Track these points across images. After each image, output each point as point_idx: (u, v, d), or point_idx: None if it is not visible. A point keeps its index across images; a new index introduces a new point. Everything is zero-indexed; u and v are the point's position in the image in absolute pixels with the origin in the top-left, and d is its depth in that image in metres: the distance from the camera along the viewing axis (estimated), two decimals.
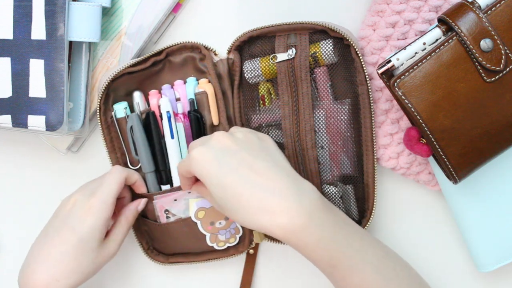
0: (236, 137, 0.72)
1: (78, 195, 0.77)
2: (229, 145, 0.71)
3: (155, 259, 0.84)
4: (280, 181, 0.69)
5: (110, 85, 0.80)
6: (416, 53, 0.73)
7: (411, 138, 0.75)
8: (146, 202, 0.80)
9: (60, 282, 0.74)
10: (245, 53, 0.81)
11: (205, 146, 0.71)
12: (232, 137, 0.72)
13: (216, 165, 0.69)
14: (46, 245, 0.75)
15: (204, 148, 0.71)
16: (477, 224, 0.80)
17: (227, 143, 0.71)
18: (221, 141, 0.71)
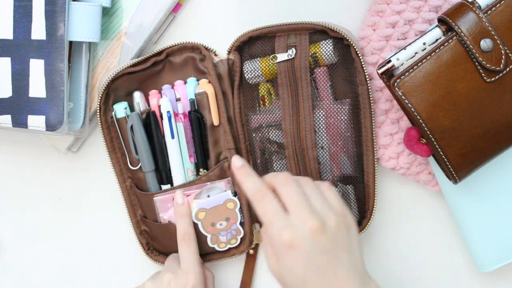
0: (328, 226, 0.66)
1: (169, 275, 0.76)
2: (321, 239, 0.65)
3: (155, 259, 0.84)
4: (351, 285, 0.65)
5: (110, 85, 0.80)
6: (416, 53, 0.73)
7: (411, 138, 0.75)
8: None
9: None
10: (245, 54, 0.81)
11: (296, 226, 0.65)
12: (324, 227, 0.66)
13: (305, 259, 0.65)
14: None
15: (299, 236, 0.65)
16: (477, 224, 0.80)
17: (320, 237, 0.65)
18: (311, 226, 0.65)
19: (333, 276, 0.65)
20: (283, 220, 0.65)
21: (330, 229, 0.66)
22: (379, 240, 0.85)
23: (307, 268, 0.64)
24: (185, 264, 0.77)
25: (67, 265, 0.87)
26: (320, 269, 0.65)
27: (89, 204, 0.87)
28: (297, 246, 0.64)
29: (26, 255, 0.87)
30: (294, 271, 0.65)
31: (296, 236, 0.64)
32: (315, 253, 0.65)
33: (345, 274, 0.65)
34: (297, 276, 0.65)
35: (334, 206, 0.68)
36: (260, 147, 0.82)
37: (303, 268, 0.64)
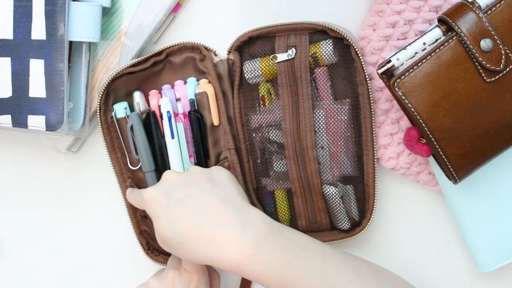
0: (184, 174, 0.74)
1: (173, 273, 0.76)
2: (177, 181, 0.73)
3: (155, 259, 0.84)
4: (226, 213, 0.69)
5: (110, 85, 0.80)
6: (416, 53, 0.73)
7: (411, 138, 0.75)
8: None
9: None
10: (245, 54, 0.81)
11: (155, 186, 0.73)
12: (179, 174, 0.74)
13: (165, 200, 0.71)
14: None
15: (154, 188, 0.73)
16: (477, 224, 0.80)
17: (175, 180, 0.73)
18: (169, 179, 0.73)
19: (198, 206, 0.69)
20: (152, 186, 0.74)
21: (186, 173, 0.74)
22: (379, 240, 0.85)
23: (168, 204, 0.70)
24: (186, 264, 0.77)
25: (67, 265, 0.87)
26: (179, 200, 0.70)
27: (89, 204, 0.87)
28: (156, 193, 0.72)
29: (26, 255, 0.87)
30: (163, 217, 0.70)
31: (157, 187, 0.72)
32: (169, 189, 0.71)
33: (211, 203, 0.70)
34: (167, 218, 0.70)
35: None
36: (260, 147, 0.82)
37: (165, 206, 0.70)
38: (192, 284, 0.76)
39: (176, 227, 0.70)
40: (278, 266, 0.68)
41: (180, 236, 0.70)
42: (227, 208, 0.70)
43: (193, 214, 0.70)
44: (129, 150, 0.81)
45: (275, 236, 0.69)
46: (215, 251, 0.68)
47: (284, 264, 0.68)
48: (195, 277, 0.76)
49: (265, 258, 0.68)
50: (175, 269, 0.76)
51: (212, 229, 0.69)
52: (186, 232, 0.69)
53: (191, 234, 0.69)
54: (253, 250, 0.68)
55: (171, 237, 0.70)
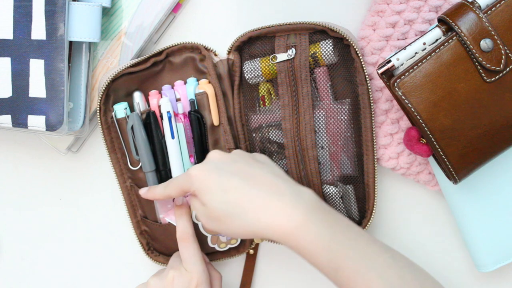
0: (229, 153, 0.75)
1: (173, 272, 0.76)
2: (225, 159, 0.73)
3: (156, 259, 0.84)
4: (278, 184, 0.71)
5: (110, 86, 0.80)
6: (416, 53, 0.73)
7: (411, 138, 0.75)
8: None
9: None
10: (245, 54, 0.81)
11: (202, 163, 0.74)
12: (225, 153, 0.74)
13: (216, 173, 0.71)
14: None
15: (202, 165, 0.73)
16: (477, 224, 0.80)
17: (223, 158, 0.73)
18: (217, 156, 0.74)
19: (250, 178, 0.71)
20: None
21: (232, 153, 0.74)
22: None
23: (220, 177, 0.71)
24: (187, 263, 0.77)
25: (67, 265, 0.87)
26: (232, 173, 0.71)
27: (89, 204, 0.87)
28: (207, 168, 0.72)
29: (26, 255, 0.87)
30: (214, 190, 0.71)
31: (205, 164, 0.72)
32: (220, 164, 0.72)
33: (263, 176, 0.71)
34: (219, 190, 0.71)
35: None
36: (260, 147, 0.82)
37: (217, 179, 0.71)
38: (193, 283, 0.76)
39: (229, 197, 0.70)
40: (327, 238, 0.68)
41: (232, 206, 0.70)
42: (278, 180, 0.71)
43: (245, 185, 0.70)
44: (129, 150, 0.81)
45: (324, 211, 0.70)
46: (267, 219, 0.69)
47: (333, 238, 0.68)
48: (195, 277, 0.76)
49: (316, 229, 0.68)
50: (176, 269, 0.77)
51: (265, 198, 0.69)
52: (238, 202, 0.70)
53: (244, 203, 0.70)
54: (305, 220, 0.68)
55: (222, 208, 0.70)
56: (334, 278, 0.69)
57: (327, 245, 0.68)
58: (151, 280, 0.77)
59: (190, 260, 0.77)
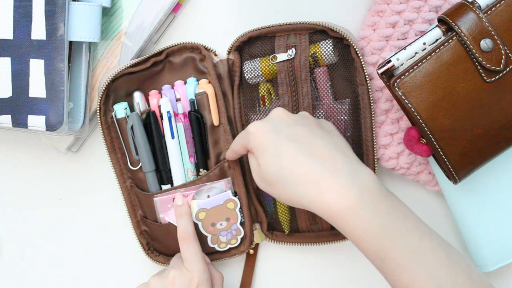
0: (294, 115, 0.72)
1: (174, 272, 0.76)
2: (287, 119, 0.70)
3: (156, 259, 0.84)
4: (335, 159, 0.67)
5: (110, 86, 0.80)
6: (416, 53, 0.73)
7: (411, 138, 0.75)
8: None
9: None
10: (245, 54, 0.81)
11: (262, 120, 0.71)
12: (290, 114, 0.71)
13: (274, 134, 0.68)
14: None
15: (262, 122, 0.70)
16: (477, 224, 0.80)
17: (285, 118, 0.70)
18: (280, 115, 0.71)
19: (307, 146, 0.67)
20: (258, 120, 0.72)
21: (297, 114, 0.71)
22: None
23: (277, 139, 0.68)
24: (187, 262, 0.77)
25: (67, 265, 0.87)
26: (289, 137, 0.68)
27: (89, 204, 0.87)
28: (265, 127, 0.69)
29: (27, 255, 0.87)
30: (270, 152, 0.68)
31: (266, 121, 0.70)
32: (279, 125, 0.69)
33: (322, 146, 0.67)
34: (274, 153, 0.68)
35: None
36: None
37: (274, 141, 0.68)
38: (194, 283, 0.75)
39: (282, 163, 0.67)
40: (377, 226, 0.65)
41: (284, 173, 0.67)
42: (337, 154, 0.67)
43: (301, 153, 0.67)
44: (129, 150, 0.81)
45: (381, 196, 0.66)
46: (317, 194, 0.65)
47: (383, 227, 0.65)
48: (196, 276, 0.76)
49: (367, 214, 0.65)
50: (177, 268, 0.77)
51: (319, 171, 0.66)
52: (291, 170, 0.67)
53: (297, 172, 0.66)
54: (357, 203, 0.65)
55: (274, 173, 0.68)
56: (379, 266, 0.66)
57: (376, 233, 0.65)
58: (152, 280, 0.77)
59: (191, 260, 0.77)
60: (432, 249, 0.65)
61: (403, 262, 0.64)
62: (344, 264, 0.86)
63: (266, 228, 0.84)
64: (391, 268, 0.65)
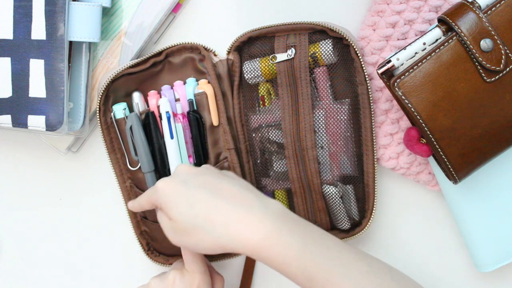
0: (197, 167, 0.74)
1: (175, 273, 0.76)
2: (193, 171, 0.72)
3: (156, 260, 0.84)
4: (246, 196, 0.70)
5: (110, 86, 0.80)
6: (416, 53, 0.73)
7: (411, 138, 0.75)
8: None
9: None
10: (244, 54, 0.81)
11: (169, 177, 0.73)
12: (193, 167, 0.74)
13: (183, 186, 0.71)
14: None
15: (169, 178, 0.73)
16: (477, 224, 0.80)
17: (191, 170, 0.73)
18: (185, 169, 0.73)
19: (217, 190, 0.70)
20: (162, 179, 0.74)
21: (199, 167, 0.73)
22: (378, 240, 0.85)
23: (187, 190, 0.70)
24: (188, 264, 0.77)
25: (67, 265, 0.87)
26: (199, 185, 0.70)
27: (89, 204, 0.87)
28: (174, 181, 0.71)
29: (26, 255, 0.87)
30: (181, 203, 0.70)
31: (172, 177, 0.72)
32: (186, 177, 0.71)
33: (231, 188, 0.70)
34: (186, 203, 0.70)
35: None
36: (260, 147, 0.82)
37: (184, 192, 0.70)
38: (194, 284, 0.75)
39: (195, 211, 0.69)
40: (298, 249, 0.67)
41: (200, 219, 0.69)
42: (246, 192, 0.70)
43: (213, 197, 0.69)
44: (128, 151, 0.81)
45: (294, 221, 0.69)
46: (236, 231, 0.67)
47: (304, 248, 0.67)
48: (197, 278, 0.76)
49: (286, 239, 0.67)
50: (177, 270, 0.77)
51: (233, 211, 0.68)
52: (206, 215, 0.69)
53: (211, 216, 0.69)
54: (275, 230, 0.67)
55: (189, 221, 0.69)
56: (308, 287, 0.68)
57: (298, 255, 0.67)
58: (152, 281, 0.77)
59: (191, 260, 0.77)
60: (354, 260, 0.69)
61: (329, 277, 0.67)
62: None
63: None
64: (320, 285, 0.67)
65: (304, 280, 0.68)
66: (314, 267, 0.67)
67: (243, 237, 0.67)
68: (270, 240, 0.67)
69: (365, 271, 0.68)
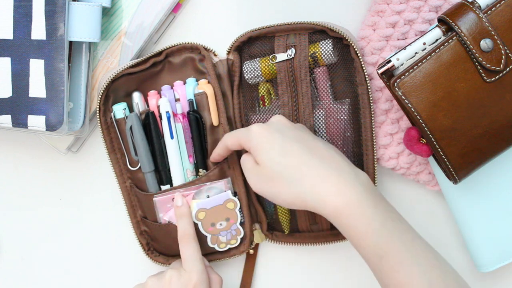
0: (294, 123, 0.75)
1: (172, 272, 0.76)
2: (289, 124, 0.73)
3: (155, 260, 0.84)
4: (338, 160, 0.70)
5: (110, 86, 0.80)
6: (416, 53, 0.73)
7: (411, 138, 0.75)
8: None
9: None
10: (244, 54, 0.81)
11: (265, 123, 0.73)
12: (289, 121, 0.74)
13: (279, 135, 0.71)
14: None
15: (265, 125, 0.73)
16: (477, 224, 0.80)
17: (287, 123, 0.73)
18: (281, 120, 0.74)
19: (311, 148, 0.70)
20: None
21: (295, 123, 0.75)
22: None
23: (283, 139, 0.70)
24: (186, 263, 0.77)
25: (67, 265, 0.87)
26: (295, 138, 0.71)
27: (89, 204, 0.87)
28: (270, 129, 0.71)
29: (26, 255, 0.87)
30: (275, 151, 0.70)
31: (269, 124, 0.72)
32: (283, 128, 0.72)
33: (324, 149, 0.71)
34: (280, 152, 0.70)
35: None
36: None
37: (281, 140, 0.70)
38: (191, 284, 0.75)
39: (287, 160, 0.69)
40: (378, 223, 0.68)
41: (290, 170, 0.69)
42: (338, 157, 0.71)
43: (306, 153, 0.70)
44: (128, 151, 0.81)
45: (378, 196, 0.70)
46: (323, 191, 0.68)
47: (383, 224, 0.68)
48: (194, 277, 0.76)
49: (369, 211, 0.68)
50: (174, 269, 0.77)
51: (324, 169, 0.69)
52: (297, 167, 0.69)
53: (302, 170, 0.69)
54: (360, 200, 0.68)
55: (278, 169, 0.70)
56: (376, 264, 0.68)
57: (377, 230, 0.67)
58: (149, 280, 0.77)
59: (189, 259, 0.77)
60: (423, 250, 0.69)
61: (401, 259, 0.67)
62: (343, 264, 0.86)
63: (266, 228, 0.84)
64: (388, 264, 0.67)
65: (374, 256, 0.68)
66: (388, 245, 0.67)
67: (328, 198, 0.68)
68: (353, 208, 0.67)
69: (433, 263, 0.68)
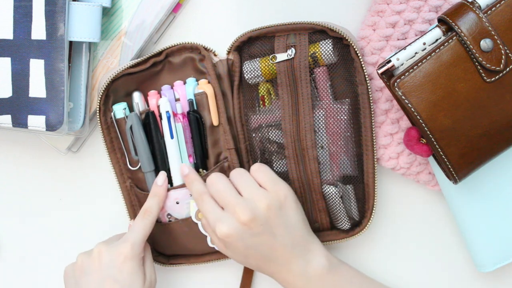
0: (258, 212, 0.75)
1: (101, 246, 0.76)
2: (252, 226, 0.75)
3: (156, 259, 0.84)
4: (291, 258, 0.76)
5: (110, 86, 0.80)
6: (416, 53, 0.73)
7: (411, 138, 0.75)
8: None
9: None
10: (244, 54, 0.81)
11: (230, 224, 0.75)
12: (253, 213, 0.75)
13: (241, 243, 0.75)
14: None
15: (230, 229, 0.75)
16: (477, 224, 0.80)
17: (250, 224, 0.75)
18: (241, 218, 0.74)
19: (271, 250, 0.76)
20: (219, 215, 0.76)
21: (261, 213, 0.75)
22: (379, 240, 0.85)
23: (247, 249, 0.76)
24: (130, 233, 0.77)
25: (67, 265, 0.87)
26: (258, 248, 0.76)
27: (89, 204, 0.87)
28: (233, 236, 0.75)
29: (26, 255, 0.87)
30: (237, 253, 0.77)
31: (230, 228, 0.74)
32: (250, 237, 0.75)
33: (281, 247, 0.76)
34: (241, 256, 0.77)
35: (265, 186, 0.77)
36: (260, 147, 0.82)
37: (243, 250, 0.76)
38: (121, 256, 0.76)
39: (248, 262, 0.77)
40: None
41: (250, 266, 0.78)
42: (293, 252, 0.76)
43: (264, 257, 0.76)
44: (128, 151, 0.81)
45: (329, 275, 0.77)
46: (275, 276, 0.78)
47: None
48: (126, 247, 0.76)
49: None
50: (104, 243, 0.77)
51: (277, 268, 0.77)
52: (256, 266, 0.78)
53: (260, 266, 0.77)
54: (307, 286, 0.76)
55: (241, 263, 0.79)
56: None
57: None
58: (79, 257, 0.77)
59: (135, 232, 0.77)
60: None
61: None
62: None
63: None
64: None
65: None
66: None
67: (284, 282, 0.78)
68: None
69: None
